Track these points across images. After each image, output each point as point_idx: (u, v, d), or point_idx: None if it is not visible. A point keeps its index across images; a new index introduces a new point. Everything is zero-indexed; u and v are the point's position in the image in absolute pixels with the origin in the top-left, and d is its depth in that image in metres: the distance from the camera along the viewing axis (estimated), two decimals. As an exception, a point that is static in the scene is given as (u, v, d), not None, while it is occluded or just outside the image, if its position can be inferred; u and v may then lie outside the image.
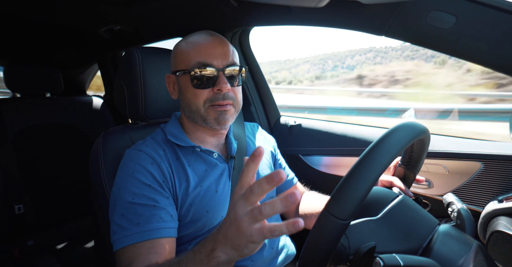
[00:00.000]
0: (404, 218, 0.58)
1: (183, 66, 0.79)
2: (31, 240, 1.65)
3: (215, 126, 0.80)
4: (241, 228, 0.45)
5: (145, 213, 0.70)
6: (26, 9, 1.24)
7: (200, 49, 0.78)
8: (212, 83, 0.77)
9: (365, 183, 0.46)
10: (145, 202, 0.71)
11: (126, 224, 0.69)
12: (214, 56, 0.77)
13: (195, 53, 0.78)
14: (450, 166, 1.00)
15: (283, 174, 0.41)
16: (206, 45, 0.78)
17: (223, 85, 0.76)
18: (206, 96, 0.78)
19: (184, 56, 0.79)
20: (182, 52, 0.80)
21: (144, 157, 0.76)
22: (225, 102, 0.78)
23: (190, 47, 0.79)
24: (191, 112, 0.81)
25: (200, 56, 0.77)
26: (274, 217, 0.93)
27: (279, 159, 1.06)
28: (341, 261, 0.51)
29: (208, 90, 0.78)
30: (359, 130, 1.23)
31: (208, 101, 0.78)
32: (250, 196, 0.44)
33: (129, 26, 1.39)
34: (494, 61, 0.71)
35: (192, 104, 0.79)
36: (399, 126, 0.55)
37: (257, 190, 0.43)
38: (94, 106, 1.94)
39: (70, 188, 1.78)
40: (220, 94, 0.77)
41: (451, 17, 0.70)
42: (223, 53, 0.78)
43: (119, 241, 0.69)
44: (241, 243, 0.46)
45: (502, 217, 0.76)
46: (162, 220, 0.70)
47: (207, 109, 0.78)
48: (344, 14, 0.87)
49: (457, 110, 4.19)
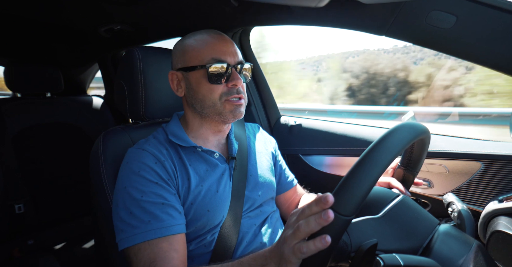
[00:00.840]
0: (404, 218, 0.58)
1: (196, 62, 0.80)
2: (31, 239, 1.65)
3: (231, 118, 0.82)
4: (285, 246, 0.49)
5: (155, 211, 0.70)
6: (27, 8, 1.24)
7: (214, 46, 0.80)
8: (226, 79, 0.80)
9: (367, 180, 0.46)
10: (154, 199, 0.72)
11: (135, 222, 0.70)
12: (228, 53, 0.81)
13: (208, 50, 0.80)
14: (450, 166, 1.00)
15: (329, 200, 0.45)
16: (218, 42, 0.81)
17: (238, 81, 0.80)
18: (222, 90, 0.80)
19: (196, 53, 0.81)
20: (194, 48, 0.82)
21: (148, 156, 0.77)
22: (239, 95, 0.81)
23: (202, 44, 0.81)
24: (204, 107, 0.82)
25: (214, 52, 0.80)
26: (274, 218, 0.93)
27: (280, 161, 1.06)
28: (342, 258, 0.51)
29: (223, 85, 0.80)
30: (359, 130, 1.23)
31: (223, 95, 0.80)
32: (299, 216, 0.48)
33: (130, 26, 1.39)
34: (494, 61, 0.71)
35: (207, 99, 0.81)
36: (401, 125, 0.55)
37: (306, 210, 0.48)
38: (94, 106, 1.94)
39: (70, 188, 1.78)
40: (234, 88, 0.81)
41: (451, 17, 0.70)
42: (234, 51, 0.82)
43: (129, 238, 0.69)
44: (288, 261, 0.49)
45: (502, 217, 0.76)
46: (172, 217, 0.71)
47: (223, 103, 0.81)
48: (345, 14, 0.87)
49: (457, 113, 4.17)
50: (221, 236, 0.79)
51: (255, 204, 0.88)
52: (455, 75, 4.60)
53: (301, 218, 0.48)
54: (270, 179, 0.95)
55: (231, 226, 0.81)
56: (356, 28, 0.88)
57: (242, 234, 0.83)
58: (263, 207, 0.91)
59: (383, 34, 0.82)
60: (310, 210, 0.47)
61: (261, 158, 0.97)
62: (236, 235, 0.81)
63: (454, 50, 0.75)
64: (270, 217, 0.91)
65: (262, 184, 0.91)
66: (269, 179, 0.94)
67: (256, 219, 0.87)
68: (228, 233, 0.80)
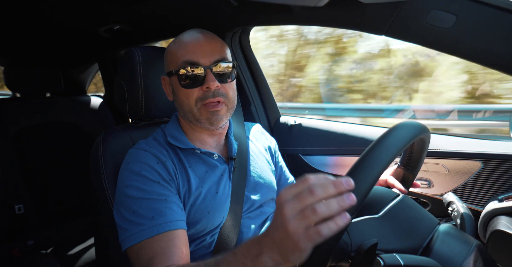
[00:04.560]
0: (404, 217, 0.58)
1: (173, 67, 0.79)
2: (31, 239, 1.64)
3: (208, 126, 0.80)
4: (288, 231, 0.41)
5: (157, 207, 0.70)
6: (26, 8, 1.24)
7: (187, 48, 0.77)
8: (200, 82, 0.77)
9: (368, 179, 0.46)
10: (156, 197, 0.71)
11: (139, 220, 0.69)
12: (201, 54, 0.76)
13: (181, 53, 0.77)
14: (450, 166, 1.00)
15: (351, 183, 0.41)
16: (193, 43, 0.78)
17: (211, 83, 0.75)
18: (197, 95, 0.77)
19: (173, 57, 0.79)
20: (171, 52, 0.80)
21: (149, 157, 0.76)
22: (215, 99, 0.76)
23: (178, 47, 0.79)
24: (184, 112, 0.81)
25: (187, 55, 0.76)
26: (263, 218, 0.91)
27: (280, 162, 1.05)
28: (342, 258, 0.51)
29: (198, 89, 0.77)
30: (359, 129, 1.23)
31: (199, 100, 0.77)
32: (306, 197, 0.41)
33: (129, 26, 1.39)
34: (494, 60, 0.71)
35: (184, 105, 0.79)
36: (401, 124, 0.55)
37: (319, 191, 0.40)
38: (94, 106, 1.94)
39: (70, 188, 1.78)
40: (209, 91, 0.76)
41: (451, 17, 0.70)
42: (210, 50, 0.77)
43: (133, 237, 0.68)
44: (287, 249, 0.43)
45: (502, 216, 0.76)
46: (174, 213, 0.71)
47: (200, 108, 0.78)
48: (344, 13, 0.87)
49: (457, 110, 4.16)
50: (221, 237, 0.79)
51: (255, 204, 0.88)
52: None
53: (311, 200, 0.40)
54: (270, 179, 0.94)
55: (231, 227, 0.81)
56: (356, 28, 0.88)
57: (242, 234, 0.82)
58: (263, 208, 0.90)
59: (382, 34, 0.82)
60: (325, 192, 0.40)
61: (261, 158, 0.97)
62: (236, 236, 0.81)
63: (454, 49, 0.75)
64: (270, 218, 0.91)
65: (262, 185, 0.91)
66: (269, 180, 0.93)
67: (256, 219, 0.87)
68: (228, 234, 0.80)
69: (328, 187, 0.40)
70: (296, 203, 0.41)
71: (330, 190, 0.40)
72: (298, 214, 0.41)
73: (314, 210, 0.40)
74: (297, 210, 0.41)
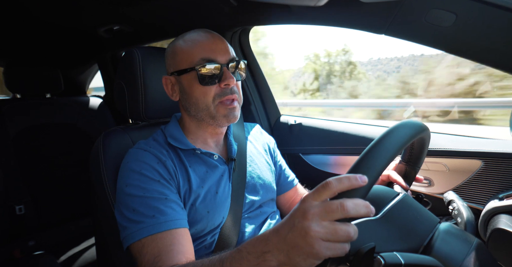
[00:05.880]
0: (404, 217, 0.58)
1: (186, 65, 0.78)
2: (32, 240, 1.65)
3: (224, 123, 0.80)
4: (308, 236, 0.41)
5: (158, 206, 0.70)
6: (26, 8, 1.24)
7: (203, 46, 0.78)
8: (218, 79, 0.77)
9: (368, 178, 0.46)
10: (157, 195, 0.71)
11: (139, 218, 0.69)
12: (218, 52, 0.78)
13: (197, 50, 0.77)
14: (451, 164, 1.00)
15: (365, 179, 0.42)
16: (207, 41, 0.78)
17: (230, 80, 0.76)
18: (214, 92, 0.78)
19: (186, 55, 0.79)
20: (183, 50, 0.80)
21: (149, 157, 0.77)
22: (233, 96, 0.78)
23: (191, 44, 0.79)
24: (198, 110, 0.80)
25: (204, 52, 0.77)
26: (275, 219, 0.92)
27: (279, 161, 1.05)
28: (341, 262, 0.51)
29: (215, 86, 0.78)
30: (359, 128, 1.23)
31: (217, 96, 0.78)
32: (336, 211, 0.41)
33: (129, 26, 1.39)
34: (494, 59, 0.71)
35: (200, 102, 0.79)
36: (400, 124, 0.55)
37: (350, 207, 0.41)
38: (94, 106, 1.94)
39: (70, 188, 1.78)
40: (227, 88, 0.78)
41: (451, 15, 0.70)
42: (224, 49, 0.79)
43: (134, 234, 0.68)
44: (300, 252, 0.42)
45: (502, 215, 0.76)
46: (176, 212, 0.71)
47: (217, 106, 0.78)
48: (344, 12, 0.87)
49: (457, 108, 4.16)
50: (222, 237, 0.79)
51: (255, 205, 0.88)
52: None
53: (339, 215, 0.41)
54: (270, 180, 0.94)
55: (231, 227, 0.81)
56: (356, 27, 0.88)
57: (242, 234, 0.82)
58: (263, 208, 0.91)
59: (382, 33, 0.82)
60: (356, 211, 0.41)
61: (260, 159, 0.97)
62: (236, 236, 0.81)
63: (454, 48, 0.75)
64: (270, 218, 0.91)
65: (261, 185, 0.91)
66: (268, 180, 0.93)
67: (256, 219, 0.87)
68: (228, 234, 0.80)
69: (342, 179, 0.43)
70: (323, 213, 0.42)
71: (345, 182, 0.42)
72: (325, 224, 0.41)
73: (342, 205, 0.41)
74: (324, 219, 0.42)
